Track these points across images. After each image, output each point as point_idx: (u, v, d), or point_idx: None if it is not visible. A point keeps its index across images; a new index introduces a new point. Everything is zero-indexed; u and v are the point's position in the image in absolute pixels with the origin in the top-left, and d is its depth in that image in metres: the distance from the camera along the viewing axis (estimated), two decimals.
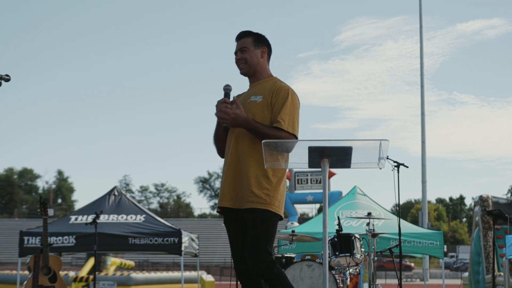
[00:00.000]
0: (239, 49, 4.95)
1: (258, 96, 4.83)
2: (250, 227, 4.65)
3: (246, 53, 4.94)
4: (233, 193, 4.72)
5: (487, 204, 14.54)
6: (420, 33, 34.49)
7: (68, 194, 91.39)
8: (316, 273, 7.80)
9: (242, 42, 4.96)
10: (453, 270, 56.32)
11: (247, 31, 5.02)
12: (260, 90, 4.87)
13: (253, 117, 4.72)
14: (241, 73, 5.00)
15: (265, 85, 4.91)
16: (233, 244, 4.82)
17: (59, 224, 15.28)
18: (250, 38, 4.98)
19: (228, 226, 4.86)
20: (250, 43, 4.96)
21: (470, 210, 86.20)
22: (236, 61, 4.97)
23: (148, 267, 47.67)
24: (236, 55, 4.97)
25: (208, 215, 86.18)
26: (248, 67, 4.95)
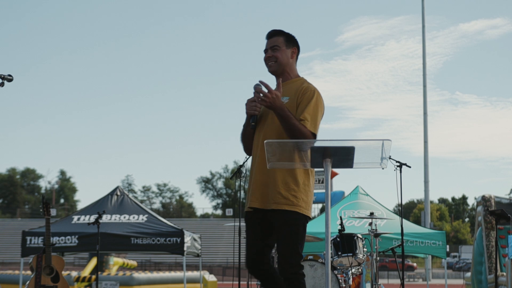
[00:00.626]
0: (270, 47, 4.93)
1: (285, 97, 4.78)
2: (279, 229, 4.67)
3: (277, 52, 4.93)
4: (261, 194, 4.72)
5: (489, 204, 14.54)
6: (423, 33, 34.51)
7: (71, 194, 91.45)
8: (318, 273, 7.80)
9: (274, 41, 4.95)
10: (455, 270, 56.33)
11: (279, 30, 5.01)
12: (287, 91, 4.83)
13: None
14: (270, 71, 4.96)
15: (292, 86, 4.88)
16: (252, 238, 4.79)
17: (61, 224, 15.29)
18: (282, 37, 4.97)
19: (251, 223, 4.83)
20: (282, 42, 4.95)
21: (472, 210, 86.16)
22: (266, 58, 4.95)
23: (150, 267, 47.71)
24: (267, 52, 4.95)
25: (211, 215, 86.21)
26: (278, 65, 4.93)
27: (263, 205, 4.72)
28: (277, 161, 4.36)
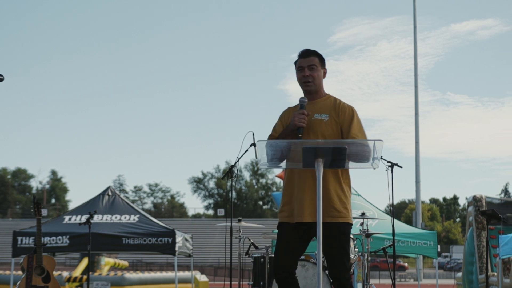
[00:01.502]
0: (308, 65, 5.05)
1: (323, 114, 4.97)
2: (332, 238, 4.78)
3: (315, 71, 5.06)
4: (313, 208, 4.75)
5: (480, 204, 14.58)
6: (414, 33, 34.59)
7: (62, 194, 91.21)
8: (310, 273, 7.81)
9: (311, 60, 5.06)
10: (446, 270, 56.46)
11: (315, 51, 5.12)
12: (322, 109, 5.00)
13: (322, 135, 4.89)
14: (305, 89, 5.07)
15: (325, 103, 5.06)
16: (286, 251, 4.90)
17: (52, 224, 15.26)
18: (317, 57, 5.09)
19: (292, 235, 4.91)
20: (318, 62, 5.09)
21: (463, 210, 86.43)
22: (303, 77, 5.04)
23: (142, 267, 47.62)
24: (303, 71, 5.05)
25: (202, 215, 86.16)
26: (315, 85, 5.06)
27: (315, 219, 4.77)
28: (268, 161, 4.37)
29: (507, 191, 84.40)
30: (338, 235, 4.84)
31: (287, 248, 4.90)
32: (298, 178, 4.87)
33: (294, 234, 4.90)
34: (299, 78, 5.07)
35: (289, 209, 4.92)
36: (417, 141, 33.28)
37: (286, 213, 4.93)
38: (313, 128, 4.90)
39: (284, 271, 4.86)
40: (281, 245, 4.93)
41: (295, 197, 4.89)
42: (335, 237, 4.81)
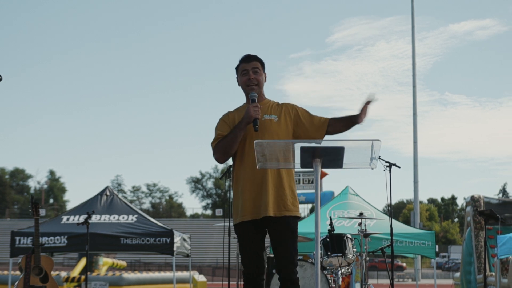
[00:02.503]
0: (252, 69, 5.18)
1: (272, 115, 5.12)
2: (287, 234, 4.96)
3: (259, 75, 5.20)
4: (276, 202, 4.94)
5: (478, 204, 14.59)
6: (412, 33, 34.54)
7: (60, 194, 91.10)
8: (308, 273, 7.81)
9: (255, 64, 5.20)
10: (444, 270, 56.46)
11: (256, 56, 5.25)
12: (269, 110, 5.15)
13: (276, 134, 5.02)
14: (249, 92, 5.16)
15: (269, 105, 5.20)
16: (253, 249, 5.01)
17: (50, 224, 15.25)
18: (259, 62, 5.23)
19: (252, 234, 5.02)
20: (260, 66, 5.23)
21: (461, 210, 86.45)
22: (248, 80, 5.16)
23: (140, 267, 47.60)
24: (248, 74, 5.16)
25: (200, 215, 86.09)
26: (258, 88, 5.18)
27: (278, 213, 4.96)
28: (266, 161, 4.37)
29: (505, 191, 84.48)
30: (287, 230, 4.96)
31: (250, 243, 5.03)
32: (250, 172, 4.95)
33: (252, 231, 5.01)
34: (243, 81, 5.18)
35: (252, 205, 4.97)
36: (415, 141, 33.23)
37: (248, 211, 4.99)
38: (266, 128, 5.01)
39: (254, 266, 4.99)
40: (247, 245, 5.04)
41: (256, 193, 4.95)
42: (284, 232, 4.95)
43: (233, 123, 5.10)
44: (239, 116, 5.10)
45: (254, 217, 4.94)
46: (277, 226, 4.94)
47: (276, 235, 4.97)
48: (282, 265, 4.92)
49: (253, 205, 4.94)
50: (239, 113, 5.16)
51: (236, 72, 5.30)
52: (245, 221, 4.98)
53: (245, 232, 5.01)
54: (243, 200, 4.99)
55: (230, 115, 5.21)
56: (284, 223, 4.94)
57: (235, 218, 5.07)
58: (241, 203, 5.00)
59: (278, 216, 4.92)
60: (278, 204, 4.93)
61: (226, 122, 5.17)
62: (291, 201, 4.98)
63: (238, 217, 5.02)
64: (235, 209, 5.06)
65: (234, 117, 5.15)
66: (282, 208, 4.93)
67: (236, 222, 5.06)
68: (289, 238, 4.95)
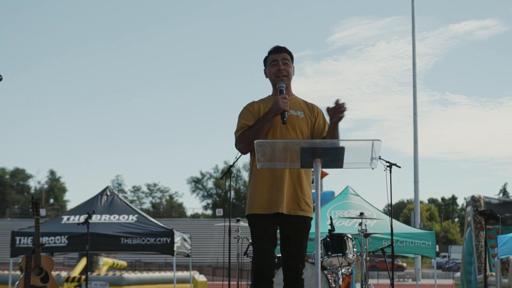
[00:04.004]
0: (282, 60, 5.11)
1: (298, 111, 5.07)
2: (299, 233, 4.95)
3: (288, 66, 5.14)
4: (291, 200, 4.90)
5: (479, 204, 14.58)
6: (413, 33, 34.53)
7: (60, 194, 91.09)
8: (308, 273, 7.80)
9: (284, 55, 5.14)
10: (445, 270, 56.46)
11: (286, 47, 5.19)
12: (296, 105, 5.10)
13: (300, 130, 4.98)
14: (278, 83, 5.07)
15: (297, 101, 5.15)
16: (264, 243, 4.92)
17: (51, 224, 15.26)
18: (289, 54, 5.17)
19: (267, 227, 4.94)
20: (289, 58, 5.16)
21: (462, 210, 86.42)
22: (277, 71, 5.09)
23: (140, 267, 47.60)
24: (277, 65, 5.09)
25: (201, 215, 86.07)
26: (288, 80, 5.12)
27: (292, 212, 4.91)
28: (267, 161, 4.37)
29: (505, 191, 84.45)
30: (302, 229, 4.96)
31: (264, 241, 4.94)
32: (272, 171, 4.89)
33: (267, 225, 4.94)
34: (273, 71, 5.10)
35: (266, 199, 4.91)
36: (415, 141, 33.23)
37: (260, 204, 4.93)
38: (291, 123, 4.95)
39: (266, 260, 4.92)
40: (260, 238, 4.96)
41: (269, 185, 4.91)
42: (298, 232, 4.94)
43: (258, 113, 5.03)
44: (264, 107, 5.03)
45: (266, 212, 4.88)
46: (288, 224, 4.90)
47: (286, 234, 4.93)
48: (290, 265, 4.91)
49: (267, 199, 4.88)
50: (264, 104, 5.08)
51: (264, 64, 5.22)
52: (256, 214, 4.92)
53: (256, 224, 4.96)
54: (258, 193, 4.93)
55: (255, 104, 5.12)
56: (296, 222, 4.90)
57: (247, 209, 5.00)
58: (256, 196, 4.94)
59: (292, 214, 4.89)
60: (293, 203, 4.89)
61: (251, 111, 5.08)
62: (306, 201, 4.94)
63: (250, 208, 4.97)
64: (249, 200, 4.99)
65: (260, 107, 5.07)
66: (296, 207, 4.90)
67: (247, 213, 5.00)
68: (300, 238, 4.92)
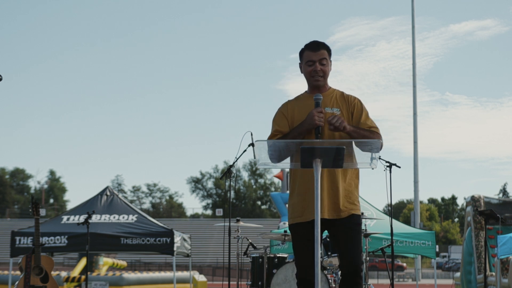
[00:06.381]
0: (319, 60, 4.91)
1: (334, 108, 4.88)
2: (349, 232, 4.81)
3: (326, 66, 4.94)
4: (331, 204, 4.79)
5: (479, 204, 14.57)
6: (413, 33, 34.53)
7: (60, 194, 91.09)
8: None
9: (322, 54, 4.92)
10: (445, 270, 56.46)
11: (324, 43, 4.98)
12: (332, 102, 4.92)
13: (335, 128, 4.75)
14: (314, 85, 4.94)
15: (333, 96, 4.97)
16: (307, 252, 4.80)
17: (51, 224, 15.25)
18: (327, 50, 4.96)
19: (306, 236, 4.79)
20: (327, 55, 4.96)
21: (462, 210, 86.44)
22: (313, 71, 4.91)
23: (140, 267, 47.60)
24: (314, 65, 4.90)
25: (201, 215, 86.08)
26: (324, 80, 4.96)
27: (334, 215, 4.80)
28: (268, 160, 4.36)
29: (505, 191, 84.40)
30: (351, 228, 4.83)
31: (305, 247, 4.81)
32: (310, 175, 4.68)
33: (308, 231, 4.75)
34: (308, 71, 4.92)
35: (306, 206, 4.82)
36: (415, 141, 33.22)
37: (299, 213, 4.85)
38: (326, 121, 4.76)
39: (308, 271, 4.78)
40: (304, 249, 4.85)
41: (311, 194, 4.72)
42: (350, 229, 4.83)
43: (291, 115, 4.91)
44: (298, 107, 4.91)
45: (307, 219, 4.78)
46: (335, 227, 4.82)
47: (336, 236, 4.86)
48: (345, 264, 4.82)
49: (307, 207, 4.78)
50: (299, 103, 4.95)
51: (299, 57, 5.02)
52: (299, 223, 4.84)
53: (299, 234, 4.86)
54: (297, 201, 4.85)
55: (289, 105, 4.98)
56: (342, 223, 4.80)
57: (289, 218, 4.91)
58: (296, 204, 4.86)
59: (336, 218, 4.80)
60: (334, 206, 4.79)
61: (284, 115, 4.94)
62: (348, 200, 4.83)
63: (292, 218, 4.89)
64: (290, 209, 4.91)
65: (293, 109, 4.94)
66: (338, 209, 4.79)
67: (290, 223, 4.91)
68: (350, 235, 4.81)
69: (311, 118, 4.67)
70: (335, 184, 4.80)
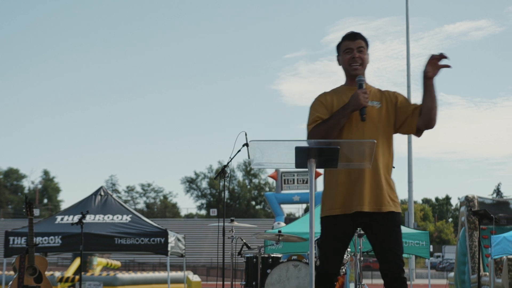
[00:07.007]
0: (357, 48, 4.82)
1: (374, 101, 4.76)
2: (388, 230, 4.62)
3: (364, 55, 4.86)
4: (373, 197, 4.61)
5: (472, 204, 14.60)
6: (407, 34, 34.64)
7: (54, 194, 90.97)
8: (302, 273, 7.82)
9: (360, 42, 4.84)
10: (439, 270, 56.56)
11: (361, 34, 4.91)
12: (372, 95, 4.78)
13: (377, 122, 4.70)
14: (353, 74, 4.81)
15: (372, 90, 4.86)
16: (335, 246, 4.69)
17: (45, 224, 15.21)
18: (364, 41, 4.89)
19: (339, 229, 4.67)
20: (365, 45, 4.88)
21: (456, 210, 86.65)
22: (351, 59, 4.81)
23: (134, 267, 47.58)
24: (352, 53, 4.81)
25: (195, 215, 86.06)
26: (362, 69, 4.84)
27: (375, 208, 4.61)
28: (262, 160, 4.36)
29: (499, 191, 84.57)
30: (394, 226, 4.65)
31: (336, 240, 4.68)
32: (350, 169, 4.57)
33: (344, 227, 4.66)
34: (346, 59, 4.81)
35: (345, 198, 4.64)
36: (409, 141, 33.30)
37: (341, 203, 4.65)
38: (369, 115, 4.64)
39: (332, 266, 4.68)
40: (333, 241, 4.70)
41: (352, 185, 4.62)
42: (391, 229, 4.64)
43: (331, 106, 4.75)
44: (337, 99, 4.77)
45: (345, 212, 4.60)
46: (374, 222, 4.61)
47: (374, 233, 4.65)
48: (387, 265, 4.63)
49: (346, 199, 4.61)
50: (337, 96, 4.80)
51: (337, 50, 4.93)
52: (334, 215, 4.64)
53: (332, 227, 4.67)
54: (336, 192, 4.65)
55: (327, 96, 4.83)
56: (382, 219, 4.61)
57: (323, 210, 4.71)
58: (333, 195, 4.66)
59: (381, 211, 4.60)
60: (375, 199, 4.60)
61: (323, 103, 4.78)
62: (390, 196, 4.66)
63: (327, 209, 4.68)
64: (325, 200, 4.72)
65: (332, 100, 4.78)
66: (379, 203, 4.61)
67: (323, 215, 4.71)
68: (390, 233, 4.62)
69: (356, 99, 4.56)
70: (377, 177, 4.63)
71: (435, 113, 4.71)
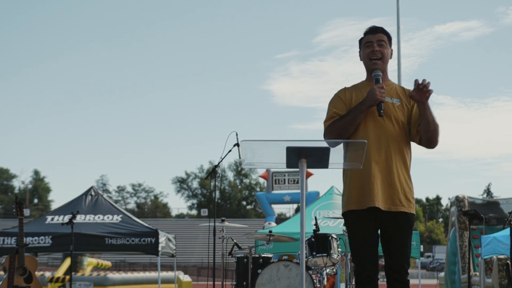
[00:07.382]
0: (377, 41, 4.71)
1: (394, 98, 4.68)
2: (402, 232, 4.57)
3: (384, 48, 4.73)
4: (387, 194, 4.51)
5: (463, 204, 14.65)
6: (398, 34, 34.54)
7: (45, 194, 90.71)
8: (293, 273, 7.81)
9: (380, 36, 4.73)
10: (429, 270, 56.69)
11: (383, 28, 4.80)
12: (392, 92, 4.71)
13: (396, 119, 4.62)
14: (372, 68, 4.71)
15: (393, 87, 4.77)
16: (365, 243, 4.57)
17: (35, 224, 15.17)
18: (386, 35, 4.78)
19: (362, 224, 4.55)
20: (386, 40, 4.76)
21: (446, 211, 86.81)
22: (371, 52, 4.71)
23: (125, 267, 47.50)
24: (372, 46, 4.71)
25: (186, 215, 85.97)
26: (382, 63, 4.73)
27: (387, 207, 4.52)
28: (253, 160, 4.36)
29: (489, 191, 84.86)
30: (405, 227, 4.58)
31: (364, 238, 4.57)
32: (367, 164, 4.49)
33: (368, 222, 4.54)
34: (366, 53, 4.72)
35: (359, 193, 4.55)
36: None
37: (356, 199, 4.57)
38: (387, 112, 4.57)
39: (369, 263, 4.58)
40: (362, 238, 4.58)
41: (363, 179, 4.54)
42: (401, 230, 4.57)
43: (349, 102, 4.68)
44: (356, 95, 4.69)
45: (360, 207, 4.50)
46: (388, 221, 4.53)
47: (386, 232, 4.58)
48: (391, 265, 4.62)
49: (360, 195, 4.51)
50: (357, 91, 4.73)
51: (359, 45, 4.86)
52: (353, 210, 4.55)
53: (353, 221, 4.57)
54: (351, 187, 4.57)
55: (347, 92, 4.76)
56: (396, 218, 4.53)
57: (342, 207, 4.66)
58: (350, 190, 4.59)
59: (392, 210, 4.51)
60: (387, 198, 4.50)
61: (342, 99, 4.71)
62: (406, 195, 4.56)
63: (345, 205, 4.62)
64: (343, 197, 4.67)
65: (351, 95, 4.71)
66: (394, 201, 4.52)
67: (343, 211, 4.65)
68: (401, 235, 4.56)
69: (372, 94, 4.49)
70: (391, 175, 4.54)
71: (433, 136, 4.67)
